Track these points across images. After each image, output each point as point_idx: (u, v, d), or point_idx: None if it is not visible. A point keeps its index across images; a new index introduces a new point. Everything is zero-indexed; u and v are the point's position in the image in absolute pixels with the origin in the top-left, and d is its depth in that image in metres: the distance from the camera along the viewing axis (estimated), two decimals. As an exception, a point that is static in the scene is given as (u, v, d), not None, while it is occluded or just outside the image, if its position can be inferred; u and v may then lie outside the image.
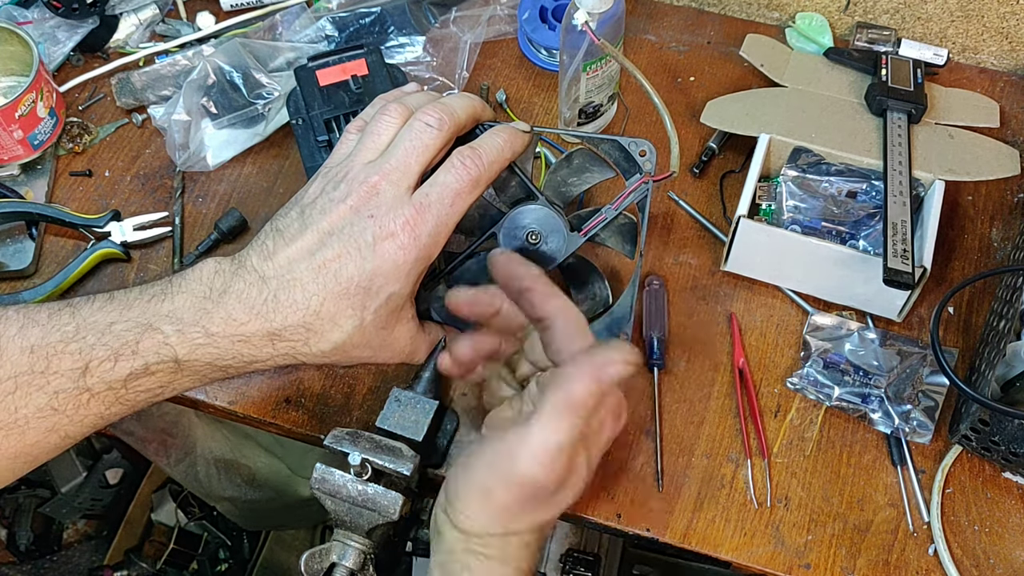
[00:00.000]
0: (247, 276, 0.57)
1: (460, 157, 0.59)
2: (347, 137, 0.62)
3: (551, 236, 0.67)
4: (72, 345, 0.54)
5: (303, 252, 0.57)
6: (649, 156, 0.68)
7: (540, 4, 0.87)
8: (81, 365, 0.54)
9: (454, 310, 0.62)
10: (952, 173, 0.74)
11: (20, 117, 0.79)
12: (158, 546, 1.53)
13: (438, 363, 0.64)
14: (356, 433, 0.63)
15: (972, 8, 0.84)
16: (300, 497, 1.29)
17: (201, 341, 0.56)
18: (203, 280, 0.57)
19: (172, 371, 0.56)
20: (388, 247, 0.56)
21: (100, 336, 0.54)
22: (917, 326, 0.74)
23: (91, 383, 0.54)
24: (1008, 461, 0.65)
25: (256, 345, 0.57)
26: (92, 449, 1.52)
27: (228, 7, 0.93)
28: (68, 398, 0.54)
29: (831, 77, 0.83)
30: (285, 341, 0.57)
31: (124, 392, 0.55)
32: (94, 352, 0.54)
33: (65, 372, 0.54)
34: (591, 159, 0.72)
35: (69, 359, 0.54)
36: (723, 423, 0.70)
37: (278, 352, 0.57)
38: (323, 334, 0.57)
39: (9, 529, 1.48)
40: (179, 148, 0.82)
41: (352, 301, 0.57)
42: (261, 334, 0.56)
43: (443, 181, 0.58)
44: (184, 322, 0.55)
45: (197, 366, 0.56)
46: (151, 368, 0.55)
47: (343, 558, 0.60)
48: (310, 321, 0.56)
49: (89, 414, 0.55)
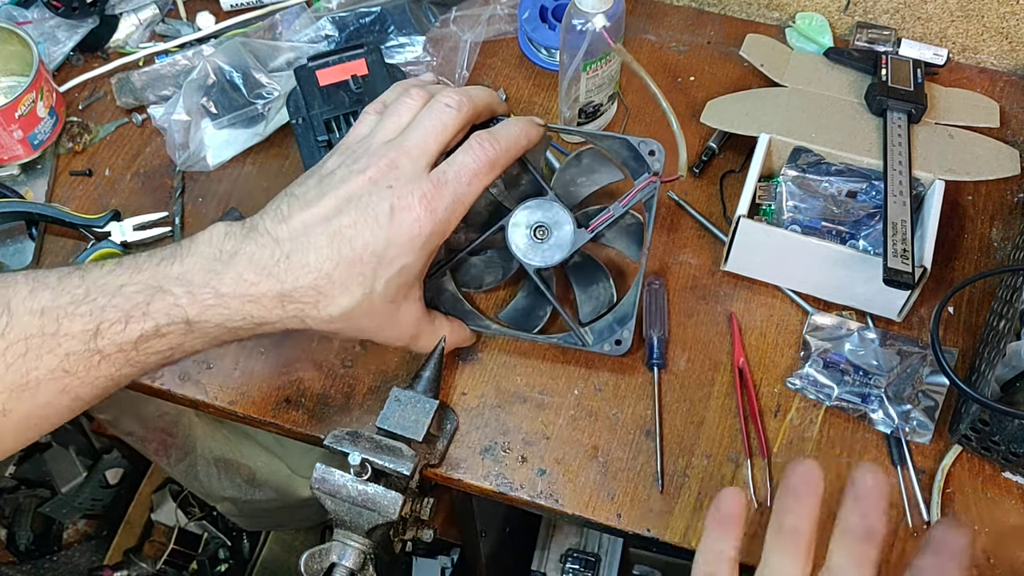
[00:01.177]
0: (259, 239, 0.57)
1: (478, 139, 0.61)
2: (366, 118, 0.64)
3: (559, 231, 0.68)
4: (83, 307, 0.54)
5: (319, 217, 0.57)
6: (658, 156, 0.70)
7: (540, 4, 0.87)
8: (92, 327, 0.54)
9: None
10: (952, 173, 0.74)
11: (20, 117, 0.79)
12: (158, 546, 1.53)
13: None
14: (356, 433, 0.63)
15: (972, 8, 0.84)
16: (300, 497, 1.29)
17: (211, 302, 0.56)
18: (213, 243, 0.57)
19: (183, 332, 0.56)
20: (404, 218, 0.57)
21: (111, 298, 0.55)
22: (917, 326, 0.74)
23: (102, 345, 0.54)
24: (1008, 461, 0.65)
25: (266, 306, 0.57)
26: (92, 449, 1.52)
27: (228, 7, 0.93)
28: (79, 360, 0.54)
29: (831, 77, 0.83)
30: (295, 303, 0.57)
31: (135, 354, 0.55)
32: (105, 314, 0.54)
33: (76, 334, 0.54)
34: (599, 160, 0.73)
35: (80, 321, 0.54)
36: (723, 423, 0.70)
37: (287, 314, 0.58)
38: (333, 298, 0.57)
39: (9, 529, 1.48)
40: (179, 148, 0.82)
41: (364, 268, 0.57)
42: (271, 295, 0.57)
43: (461, 160, 0.60)
44: (194, 284, 0.56)
45: (207, 327, 0.56)
46: (162, 330, 0.55)
47: (343, 558, 0.60)
48: (321, 284, 0.57)
49: (100, 376, 0.55)
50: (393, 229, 0.57)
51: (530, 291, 0.74)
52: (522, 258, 0.69)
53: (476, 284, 0.75)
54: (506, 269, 0.74)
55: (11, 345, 0.53)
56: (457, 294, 0.73)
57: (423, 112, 0.61)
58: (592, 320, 0.71)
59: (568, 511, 0.67)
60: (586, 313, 0.73)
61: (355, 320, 0.59)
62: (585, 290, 0.74)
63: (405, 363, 0.73)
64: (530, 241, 0.68)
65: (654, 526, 0.66)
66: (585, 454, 0.69)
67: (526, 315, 0.73)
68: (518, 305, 0.74)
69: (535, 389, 0.72)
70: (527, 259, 0.69)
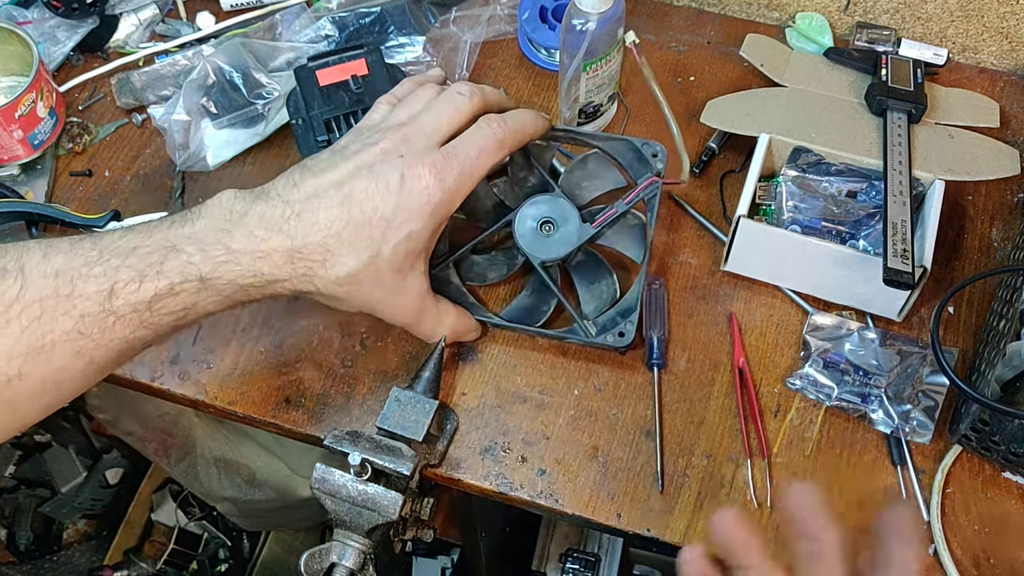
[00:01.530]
0: (269, 200, 0.59)
1: (487, 120, 0.64)
2: (379, 107, 0.67)
3: (564, 226, 0.71)
4: (96, 268, 0.55)
5: (331, 183, 0.59)
6: (660, 157, 0.73)
7: (540, 4, 0.87)
8: (107, 287, 0.54)
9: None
10: (952, 173, 0.74)
11: (20, 117, 0.79)
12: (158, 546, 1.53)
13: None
14: (356, 433, 0.63)
15: (972, 8, 0.84)
16: (300, 497, 1.29)
17: (223, 259, 0.57)
18: (223, 204, 0.59)
19: (196, 291, 0.57)
20: (414, 186, 0.59)
21: (124, 259, 0.55)
22: (917, 326, 0.74)
23: (116, 305, 0.55)
24: (1008, 461, 0.65)
25: (276, 263, 0.58)
26: (92, 449, 1.53)
27: (228, 7, 0.93)
28: (94, 321, 0.54)
29: (831, 77, 0.83)
30: (305, 260, 0.58)
31: (149, 315, 0.56)
32: (119, 274, 0.55)
33: (91, 295, 0.54)
34: (604, 165, 0.75)
35: (94, 282, 0.54)
36: (723, 423, 0.70)
37: (297, 272, 0.59)
38: (340, 258, 0.59)
39: (9, 529, 1.48)
40: (179, 148, 0.82)
41: (372, 231, 0.59)
42: (282, 251, 0.58)
43: (470, 138, 0.63)
44: (206, 242, 0.57)
45: (220, 284, 0.57)
46: (175, 288, 0.56)
47: (343, 558, 0.60)
48: (330, 243, 0.58)
49: (115, 338, 0.55)
50: (403, 195, 0.59)
51: (534, 289, 0.74)
52: (528, 251, 0.70)
53: (480, 280, 0.75)
54: (510, 267, 0.75)
55: (26, 308, 0.53)
56: (461, 287, 0.73)
57: (436, 99, 0.64)
58: (599, 313, 0.72)
59: (568, 511, 0.67)
60: (589, 311, 0.73)
61: (362, 284, 0.60)
62: (588, 288, 0.74)
63: (405, 363, 0.73)
64: (536, 235, 0.71)
65: (654, 526, 0.66)
66: (585, 454, 0.69)
67: (529, 313, 0.73)
68: (521, 303, 0.74)
69: (535, 389, 0.72)
70: (533, 252, 0.70)
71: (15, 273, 0.54)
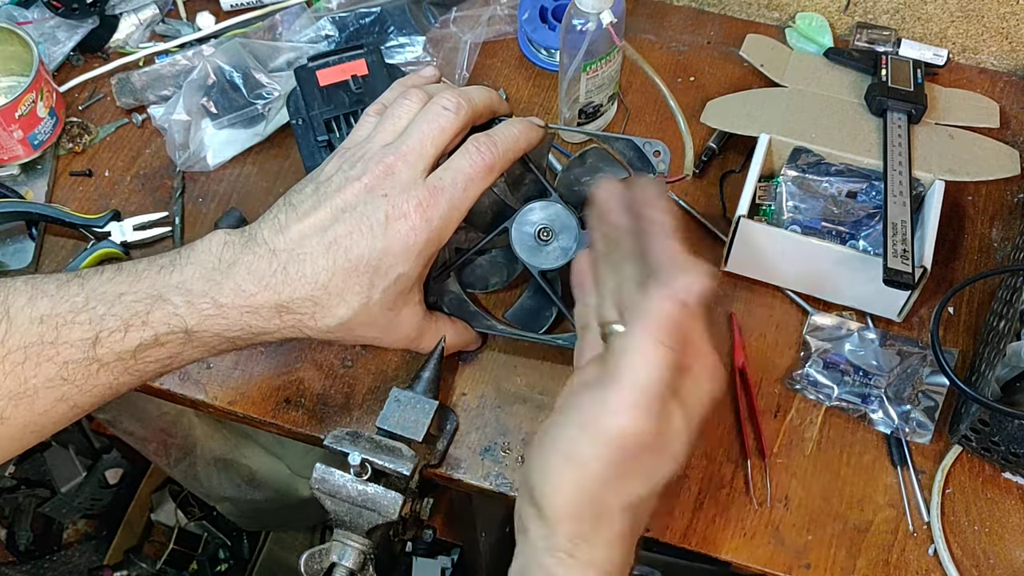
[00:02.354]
0: (257, 249, 0.57)
1: (475, 143, 0.60)
2: (366, 120, 0.64)
3: (563, 232, 0.68)
4: (82, 315, 0.54)
5: (315, 228, 0.57)
6: (663, 156, 0.69)
7: (540, 4, 0.87)
8: (91, 336, 0.54)
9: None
10: (952, 173, 0.74)
11: (20, 117, 0.79)
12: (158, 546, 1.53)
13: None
14: (356, 433, 0.63)
15: (972, 8, 0.84)
16: (300, 497, 1.29)
17: (210, 312, 0.56)
18: (212, 251, 0.58)
19: (182, 342, 0.56)
20: (400, 227, 0.57)
21: (110, 307, 0.55)
22: (917, 326, 0.74)
23: (101, 353, 0.54)
24: (1008, 461, 0.65)
25: (264, 317, 0.57)
26: (92, 449, 1.52)
27: (228, 7, 0.93)
28: (78, 368, 0.54)
29: (831, 77, 0.83)
30: (292, 314, 0.58)
31: (133, 363, 0.56)
32: (104, 323, 0.54)
33: (75, 342, 0.54)
34: (604, 159, 0.73)
35: (79, 329, 0.54)
36: (723, 423, 0.70)
37: (285, 324, 0.58)
38: (330, 309, 0.58)
39: (9, 529, 1.48)
40: (179, 148, 0.82)
41: (360, 279, 0.57)
42: (269, 306, 0.57)
43: (457, 166, 0.59)
44: (193, 293, 0.56)
45: (206, 337, 0.57)
46: (161, 339, 0.56)
47: (343, 558, 0.60)
48: (318, 295, 0.57)
49: (98, 384, 0.55)
50: (388, 238, 0.57)
51: (535, 291, 0.74)
52: (527, 261, 0.68)
53: (481, 285, 0.75)
54: (511, 270, 0.74)
55: (10, 353, 0.53)
56: (462, 295, 0.73)
57: (420, 115, 0.60)
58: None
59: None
60: None
61: (353, 329, 0.59)
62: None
63: (405, 363, 0.73)
64: (535, 243, 0.68)
65: (654, 526, 0.66)
66: (585, 454, 0.69)
67: (532, 316, 0.73)
68: (524, 305, 0.73)
69: (535, 389, 0.72)
70: (532, 262, 0.68)
71: (0, 316, 0.54)
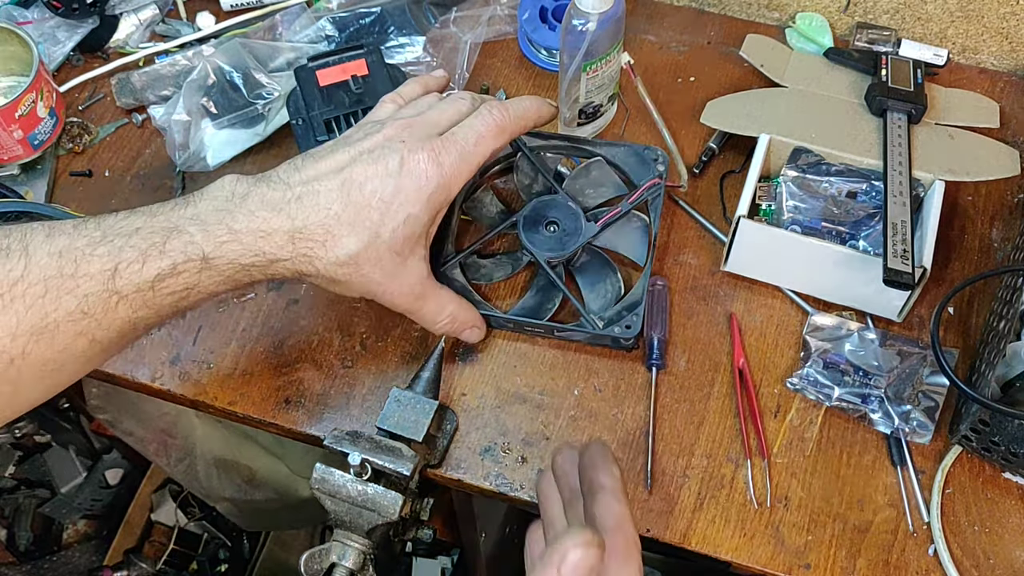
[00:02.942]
0: (271, 183, 0.60)
1: (488, 106, 0.65)
2: (384, 105, 0.68)
3: (569, 225, 0.73)
4: (100, 248, 0.55)
5: (332, 167, 0.60)
6: (662, 160, 0.76)
7: (540, 4, 0.87)
8: (111, 267, 0.55)
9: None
10: (952, 173, 0.74)
11: (20, 117, 0.79)
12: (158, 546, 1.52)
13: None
14: (356, 433, 0.63)
15: (972, 8, 0.84)
16: (300, 497, 1.29)
17: (225, 238, 0.57)
18: (224, 188, 0.60)
19: (198, 270, 0.57)
20: (413, 169, 0.60)
21: (127, 239, 0.56)
22: (917, 326, 0.74)
23: (120, 285, 0.55)
24: (1008, 461, 0.65)
25: (277, 243, 0.59)
26: (92, 449, 1.52)
27: (228, 7, 0.93)
28: (97, 301, 0.55)
29: (831, 77, 0.83)
30: (305, 241, 0.59)
31: (151, 295, 0.56)
32: (123, 254, 0.55)
33: (94, 274, 0.54)
34: (607, 174, 0.76)
35: (98, 261, 0.55)
36: (723, 423, 0.70)
37: (298, 252, 0.59)
38: (341, 239, 0.59)
39: (9, 529, 1.48)
40: (179, 148, 0.82)
41: (371, 213, 0.60)
42: (283, 231, 0.59)
43: (471, 124, 0.64)
44: (208, 223, 0.57)
45: (221, 264, 0.58)
46: (178, 268, 0.56)
47: (343, 558, 0.60)
48: (330, 224, 0.59)
49: (118, 318, 0.56)
50: (402, 178, 0.60)
51: (539, 289, 0.74)
52: (533, 248, 0.71)
53: (487, 279, 0.76)
54: (515, 267, 0.75)
55: (31, 286, 0.53)
56: (467, 285, 0.73)
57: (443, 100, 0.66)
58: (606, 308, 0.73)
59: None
60: (595, 310, 0.73)
61: (361, 266, 0.61)
62: (593, 288, 0.74)
63: (405, 363, 0.73)
64: (541, 234, 0.72)
65: (654, 526, 0.66)
66: (585, 454, 0.69)
67: (534, 312, 0.73)
68: (527, 304, 0.74)
69: (535, 389, 0.72)
70: (538, 250, 0.71)
71: (19, 253, 0.54)
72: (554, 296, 0.72)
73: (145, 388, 0.74)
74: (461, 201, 0.78)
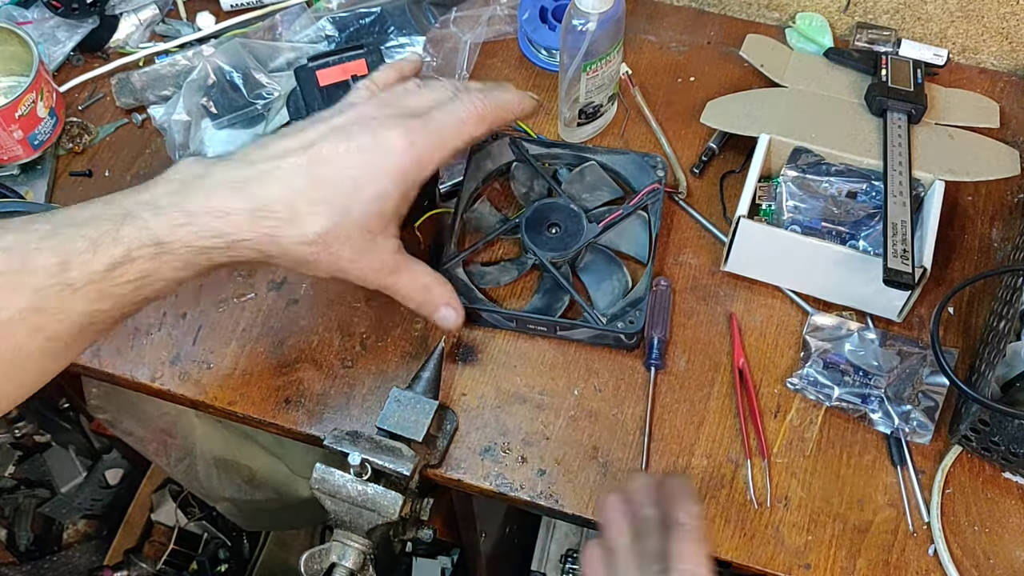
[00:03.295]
0: (231, 162, 0.58)
1: (469, 94, 0.63)
2: (359, 92, 0.65)
3: (571, 226, 0.73)
4: (50, 241, 0.53)
5: (300, 144, 0.58)
6: (662, 166, 0.77)
7: (540, 4, 0.87)
8: (60, 259, 0.53)
9: None
10: (952, 173, 0.74)
11: (20, 117, 0.79)
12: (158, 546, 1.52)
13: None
14: (356, 433, 0.63)
15: (972, 8, 0.84)
16: (300, 497, 1.29)
17: (181, 220, 0.55)
18: (181, 170, 0.58)
19: (153, 255, 0.55)
20: (385, 146, 0.58)
21: (78, 229, 0.54)
22: (917, 326, 0.74)
23: (72, 277, 0.53)
24: (1008, 461, 0.65)
25: (235, 222, 0.56)
26: (92, 449, 1.52)
27: (228, 7, 0.93)
28: (49, 295, 0.53)
29: (831, 77, 0.83)
30: (268, 219, 0.56)
31: (106, 284, 0.54)
32: (73, 244, 0.53)
33: (43, 268, 0.52)
34: (602, 178, 0.77)
35: (47, 254, 0.53)
36: (723, 423, 0.70)
37: (259, 232, 0.56)
38: (307, 216, 0.57)
39: (9, 529, 1.48)
40: (179, 148, 0.82)
41: (340, 190, 0.57)
42: (242, 210, 0.56)
43: (449, 107, 0.62)
44: (161, 206, 0.55)
45: (177, 247, 0.55)
46: (132, 254, 0.54)
47: (343, 558, 0.60)
48: (294, 200, 0.57)
49: (74, 311, 0.54)
50: (373, 155, 0.58)
51: (545, 291, 0.74)
52: (537, 250, 0.72)
53: (493, 284, 0.76)
54: (520, 271, 0.75)
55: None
56: (468, 282, 0.73)
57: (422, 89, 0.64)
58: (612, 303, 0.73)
59: (568, 511, 0.67)
60: (602, 307, 0.73)
61: (331, 245, 0.58)
62: (599, 287, 0.74)
63: (405, 363, 0.73)
64: (544, 235, 0.73)
65: (654, 526, 0.66)
66: (585, 454, 0.69)
67: (542, 315, 0.73)
68: (534, 306, 0.74)
69: (535, 389, 0.72)
70: (541, 251, 0.72)
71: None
72: (561, 296, 0.72)
73: (145, 388, 0.74)
74: (463, 208, 0.77)
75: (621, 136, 0.85)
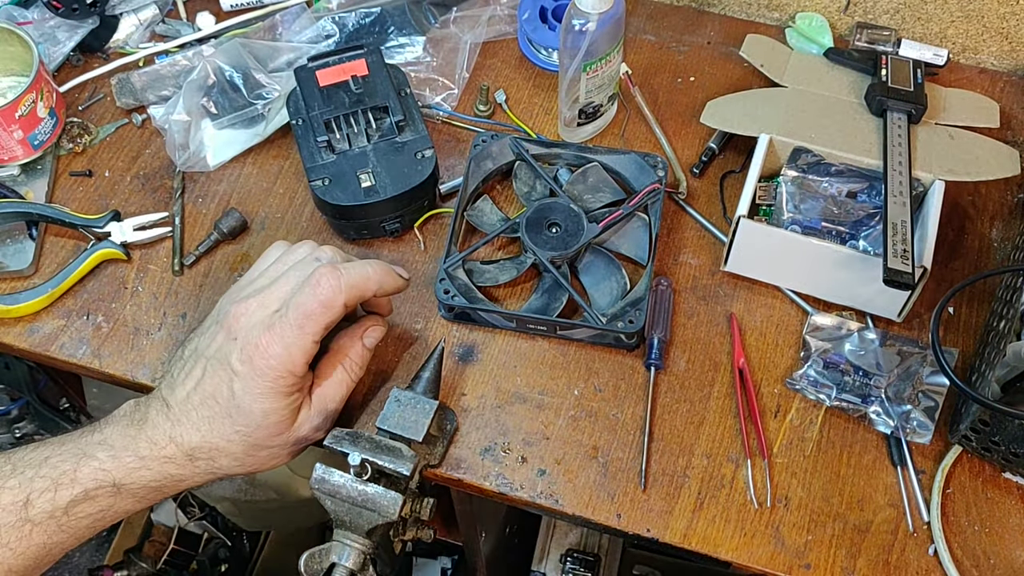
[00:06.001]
0: (158, 405, 0.62)
1: (318, 275, 0.61)
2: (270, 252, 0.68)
3: (571, 226, 0.73)
4: (11, 481, 0.57)
5: (194, 382, 0.62)
6: (662, 166, 0.77)
7: (540, 4, 0.87)
8: (22, 498, 0.57)
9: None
10: (952, 173, 0.74)
11: (20, 117, 0.79)
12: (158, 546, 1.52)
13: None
14: (356, 433, 0.63)
15: (972, 8, 0.84)
16: (300, 497, 1.29)
17: (135, 465, 0.60)
18: (126, 412, 0.63)
19: (111, 495, 0.59)
20: (246, 370, 0.60)
21: (38, 469, 0.58)
22: (917, 326, 0.74)
23: (33, 514, 0.57)
24: (1008, 461, 0.65)
25: (180, 465, 0.61)
26: (92, 449, 1.52)
27: (228, 7, 0.93)
28: (11, 531, 0.57)
29: (831, 77, 0.83)
30: (201, 460, 0.62)
31: (66, 520, 0.58)
32: (34, 484, 0.57)
33: (6, 506, 0.57)
34: (605, 179, 0.77)
35: (9, 493, 0.57)
36: (723, 423, 0.70)
37: (200, 470, 0.62)
38: (222, 452, 0.62)
39: (9, 529, 1.48)
40: (179, 148, 0.82)
41: (234, 421, 0.61)
42: (179, 456, 0.61)
43: (296, 301, 0.61)
44: (116, 448, 0.60)
45: (134, 488, 0.60)
46: (91, 493, 0.59)
47: (343, 558, 0.60)
48: (208, 443, 0.61)
49: (32, 545, 0.58)
50: (240, 381, 0.60)
51: (544, 291, 0.74)
52: (536, 249, 0.72)
53: (492, 283, 0.76)
54: (519, 270, 0.75)
55: None
56: (468, 282, 0.73)
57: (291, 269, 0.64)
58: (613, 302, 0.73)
59: (568, 511, 0.67)
60: (601, 307, 0.73)
61: (259, 453, 0.63)
62: (599, 287, 0.74)
63: (405, 363, 0.73)
64: (544, 235, 0.73)
65: (654, 526, 0.66)
66: (585, 454, 0.69)
67: (541, 313, 0.73)
68: (533, 305, 0.74)
69: (535, 390, 0.72)
70: (541, 250, 0.72)
71: None
72: (560, 296, 0.73)
73: (145, 388, 0.74)
74: (463, 207, 0.78)
75: (621, 136, 0.85)
